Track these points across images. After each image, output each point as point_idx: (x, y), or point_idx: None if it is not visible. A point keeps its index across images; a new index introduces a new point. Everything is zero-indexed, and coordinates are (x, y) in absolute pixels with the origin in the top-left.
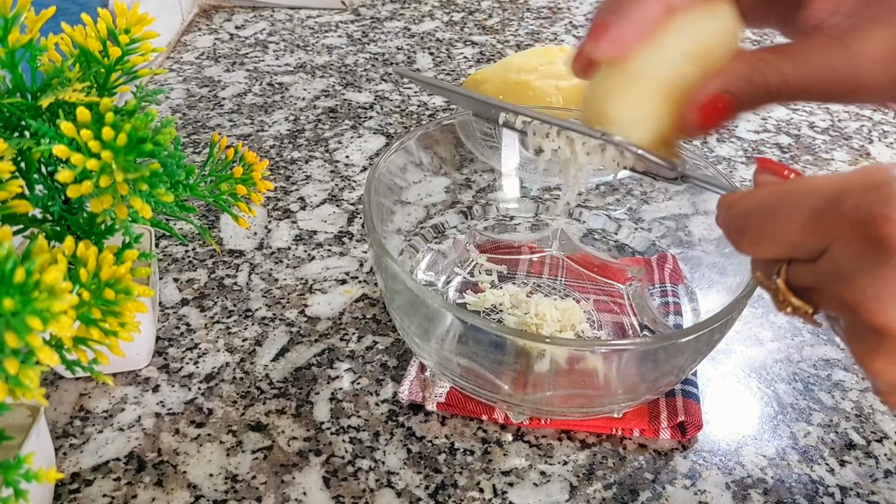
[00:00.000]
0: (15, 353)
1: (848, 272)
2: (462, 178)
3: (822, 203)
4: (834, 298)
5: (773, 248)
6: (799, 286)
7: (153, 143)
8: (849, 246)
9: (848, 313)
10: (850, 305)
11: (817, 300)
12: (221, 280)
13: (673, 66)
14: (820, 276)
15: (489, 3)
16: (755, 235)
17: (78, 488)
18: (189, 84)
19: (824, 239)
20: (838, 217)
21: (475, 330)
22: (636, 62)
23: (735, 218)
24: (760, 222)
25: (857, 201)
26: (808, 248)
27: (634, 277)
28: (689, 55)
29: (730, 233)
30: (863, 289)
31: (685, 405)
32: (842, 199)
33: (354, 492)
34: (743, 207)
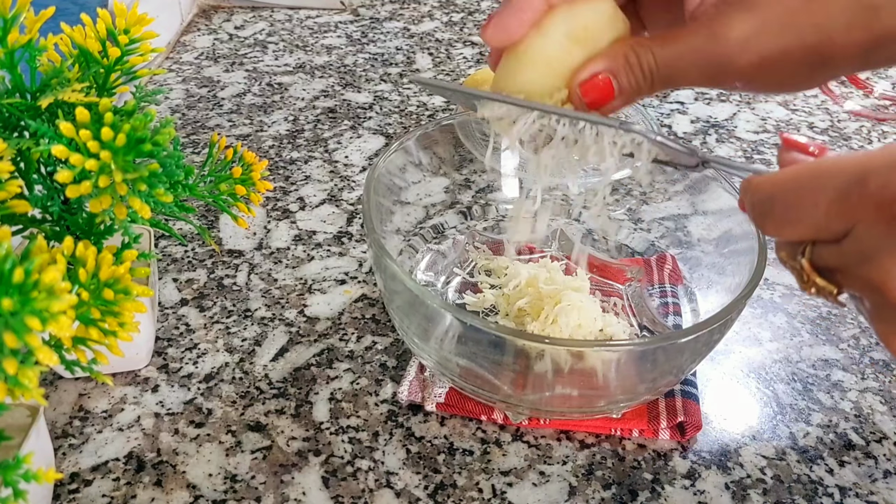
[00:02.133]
0: (14, 353)
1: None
2: (461, 178)
3: (846, 184)
4: (859, 279)
5: (798, 231)
6: (823, 267)
7: (152, 144)
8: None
9: (873, 294)
10: (875, 286)
11: (842, 281)
12: (221, 280)
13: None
14: (845, 256)
15: (489, 4)
16: (780, 218)
17: (77, 488)
18: (188, 84)
19: (849, 220)
20: (863, 198)
21: (474, 330)
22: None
23: (760, 202)
24: (785, 205)
25: (883, 181)
26: (833, 229)
27: (634, 278)
28: (571, 37)
29: (755, 216)
30: (887, 269)
31: (684, 405)
32: (866, 180)
33: (354, 492)
34: (767, 190)
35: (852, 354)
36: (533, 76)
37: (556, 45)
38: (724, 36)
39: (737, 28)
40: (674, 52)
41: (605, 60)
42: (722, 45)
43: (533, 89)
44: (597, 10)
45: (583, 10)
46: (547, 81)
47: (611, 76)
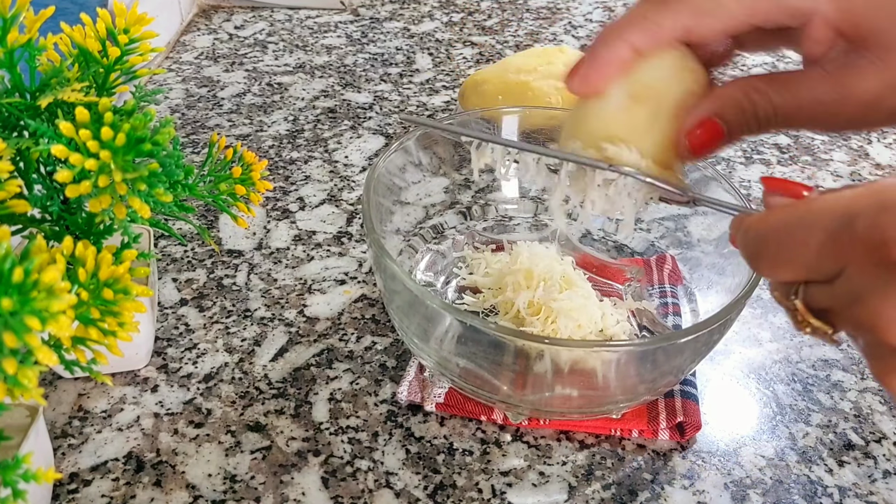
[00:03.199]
0: (13, 352)
1: (863, 293)
2: (461, 178)
3: (835, 225)
4: (851, 319)
5: (790, 272)
6: (817, 307)
7: (152, 143)
8: (863, 268)
9: (866, 334)
10: (867, 326)
11: (835, 321)
12: (220, 280)
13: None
14: (836, 297)
15: (488, 4)
16: (772, 259)
17: (76, 488)
18: (188, 84)
19: (839, 261)
20: (852, 239)
21: (474, 330)
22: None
23: (752, 242)
24: (776, 247)
25: (870, 223)
26: (825, 270)
27: (633, 278)
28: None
29: (748, 257)
30: (878, 310)
31: (684, 406)
32: (854, 222)
33: (353, 492)
34: (758, 233)
35: (852, 355)
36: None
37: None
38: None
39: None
40: (796, 101)
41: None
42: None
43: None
44: (660, 65)
45: (644, 67)
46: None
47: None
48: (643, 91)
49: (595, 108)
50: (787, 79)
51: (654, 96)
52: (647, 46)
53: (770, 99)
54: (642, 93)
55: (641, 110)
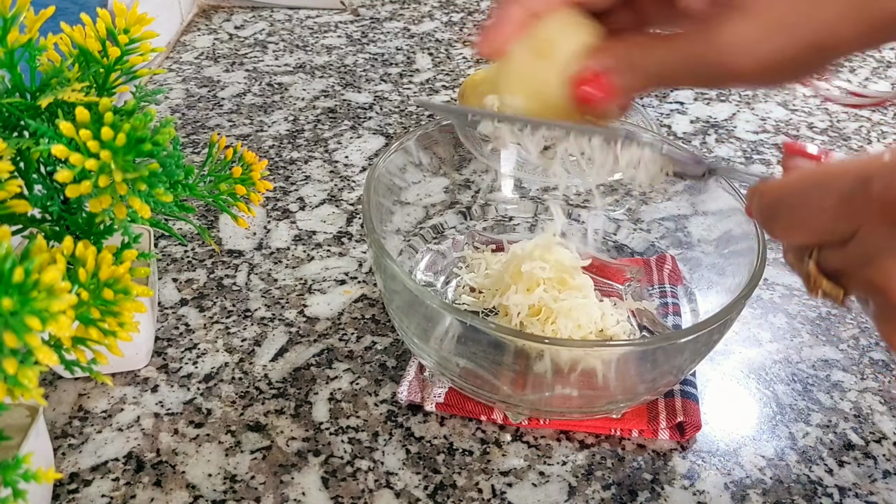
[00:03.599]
0: (14, 352)
1: (877, 254)
2: (461, 178)
3: (850, 186)
4: (863, 281)
5: (805, 234)
6: (830, 270)
7: (152, 143)
8: (878, 228)
9: (876, 295)
10: (879, 287)
11: (847, 283)
12: (220, 280)
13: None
14: (849, 259)
15: (488, 4)
16: (787, 222)
17: (77, 488)
18: (188, 84)
19: (854, 222)
20: (867, 200)
21: (474, 330)
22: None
23: (767, 206)
24: (791, 209)
25: (886, 183)
26: (839, 232)
27: (633, 278)
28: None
29: (763, 220)
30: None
31: (684, 406)
32: (870, 182)
33: (353, 492)
34: (774, 196)
35: (852, 355)
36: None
37: (523, 63)
38: (720, 41)
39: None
40: (674, 54)
41: (602, 57)
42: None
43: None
44: (555, 20)
45: (542, 24)
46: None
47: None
48: (543, 45)
49: (504, 67)
50: (670, 36)
51: (554, 50)
52: (539, 6)
53: (655, 53)
54: (542, 47)
55: (544, 63)
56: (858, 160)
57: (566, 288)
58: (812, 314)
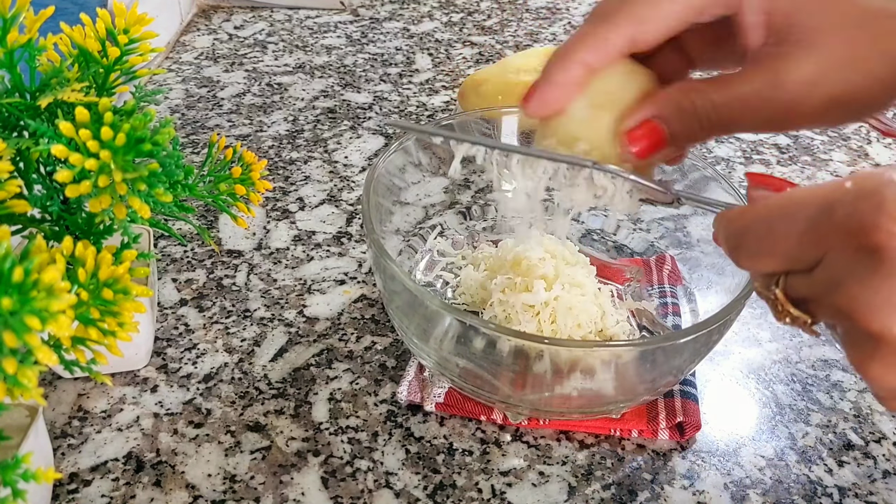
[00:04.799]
0: (13, 352)
1: (842, 280)
2: (461, 178)
3: (815, 213)
4: (830, 307)
5: (771, 262)
6: (797, 297)
7: (152, 143)
8: (842, 255)
9: (844, 321)
10: (845, 313)
11: (814, 310)
12: (220, 280)
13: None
14: (816, 285)
15: (488, 4)
16: (753, 251)
17: (76, 488)
18: (188, 84)
19: (819, 249)
20: (831, 227)
21: (474, 330)
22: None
23: (733, 235)
24: (757, 238)
25: (849, 210)
26: (805, 259)
27: (633, 278)
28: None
29: (729, 250)
30: (856, 296)
31: (684, 406)
32: (834, 209)
33: (353, 492)
34: (740, 224)
35: None
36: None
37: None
38: (787, 79)
39: (801, 70)
40: (733, 96)
41: (654, 105)
42: (786, 90)
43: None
44: (613, 73)
45: (598, 79)
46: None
47: (660, 122)
48: (602, 98)
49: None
50: (725, 77)
51: (613, 101)
52: (598, 63)
53: (709, 97)
54: (601, 100)
55: (604, 115)
56: (823, 187)
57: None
58: None
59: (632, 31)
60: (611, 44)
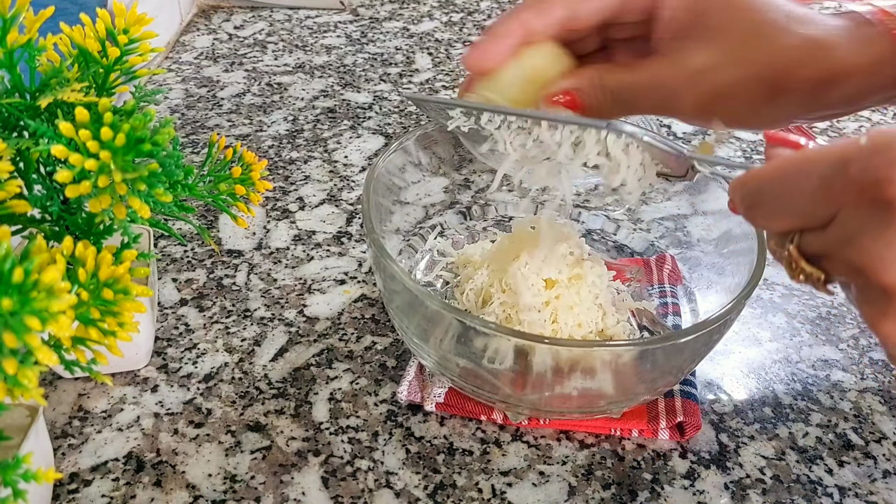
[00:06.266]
0: (13, 352)
1: (855, 235)
2: (461, 178)
3: (829, 170)
4: (843, 262)
5: (786, 220)
6: (811, 253)
7: (151, 143)
8: (856, 210)
9: (857, 276)
10: (859, 268)
11: (828, 266)
12: (220, 280)
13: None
14: (830, 241)
15: (488, 4)
16: (768, 209)
17: (77, 488)
18: (188, 84)
19: (833, 205)
20: (845, 182)
21: (474, 330)
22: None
23: (749, 195)
24: (772, 196)
25: (863, 166)
26: (819, 215)
27: (633, 278)
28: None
29: (745, 209)
30: (869, 250)
31: (684, 405)
32: (848, 165)
33: (353, 492)
34: (756, 184)
35: (852, 354)
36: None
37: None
38: (681, 65)
39: (694, 58)
40: (636, 77)
41: (573, 79)
42: (678, 74)
43: None
44: (542, 51)
45: (530, 53)
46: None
47: (576, 93)
48: (531, 72)
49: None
50: (634, 62)
51: (540, 75)
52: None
53: (618, 76)
54: (531, 74)
55: (530, 87)
56: (837, 144)
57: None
58: (812, 314)
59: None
60: (551, 13)
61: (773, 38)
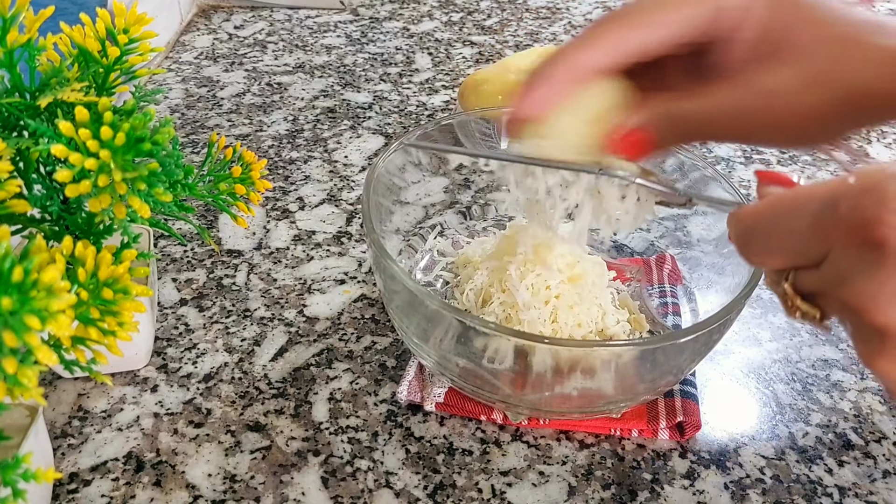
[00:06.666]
0: (13, 352)
1: (847, 275)
2: (461, 178)
3: (819, 209)
4: (837, 302)
5: (778, 258)
6: (806, 292)
7: (151, 143)
8: (847, 250)
9: (851, 316)
10: (852, 308)
11: (823, 304)
12: (220, 280)
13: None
14: (823, 280)
15: (488, 4)
16: (761, 248)
17: (76, 488)
18: (188, 84)
19: (824, 244)
20: (835, 222)
21: (474, 330)
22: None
23: (742, 233)
24: (765, 234)
25: (852, 205)
26: (811, 254)
27: (633, 278)
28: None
29: (739, 247)
30: (861, 291)
31: (684, 405)
32: (837, 204)
33: (353, 492)
34: (748, 222)
35: (852, 354)
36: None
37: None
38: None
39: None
40: (709, 103)
41: (640, 115)
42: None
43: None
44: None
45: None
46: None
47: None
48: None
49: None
50: (704, 88)
51: (600, 116)
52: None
53: (691, 103)
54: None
55: (591, 129)
56: (827, 183)
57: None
58: None
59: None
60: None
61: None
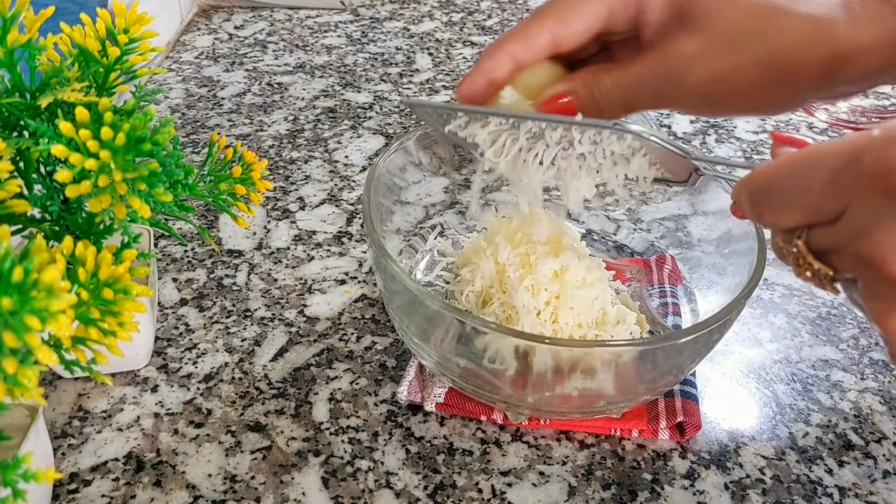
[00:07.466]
0: (13, 352)
1: (866, 227)
2: (461, 178)
3: (840, 163)
4: (853, 256)
5: (794, 215)
6: (819, 249)
7: (152, 143)
8: (868, 201)
9: (867, 270)
10: (869, 260)
11: (836, 262)
12: (220, 280)
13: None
14: (839, 235)
15: (488, 4)
16: (776, 205)
17: (76, 488)
18: (188, 84)
19: (844, 198)
20: (858, 174)
21: (474, 331)
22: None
23: (756, 191)
24: (780, 191)
25: (877, 156)
26: (828, 210)
27: (633, 278)
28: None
29: (752, 207)
30: (882, 241)
31: (684, 406)
32: (861, 156)
33: (353, 492)
34: (763, 180)
35: (852, 355)
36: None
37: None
38: (672, 55)
39: (685, 48)
40: (629, 72)
41: (566, 83)
42: (671, 63)
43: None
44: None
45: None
46: None
47: (571, 95)
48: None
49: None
50: (625, 60)
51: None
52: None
53: (612, 74)
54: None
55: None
56: (847, 138)
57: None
58: (812, 314)
59: (556, 29)
60: (537, 43)
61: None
